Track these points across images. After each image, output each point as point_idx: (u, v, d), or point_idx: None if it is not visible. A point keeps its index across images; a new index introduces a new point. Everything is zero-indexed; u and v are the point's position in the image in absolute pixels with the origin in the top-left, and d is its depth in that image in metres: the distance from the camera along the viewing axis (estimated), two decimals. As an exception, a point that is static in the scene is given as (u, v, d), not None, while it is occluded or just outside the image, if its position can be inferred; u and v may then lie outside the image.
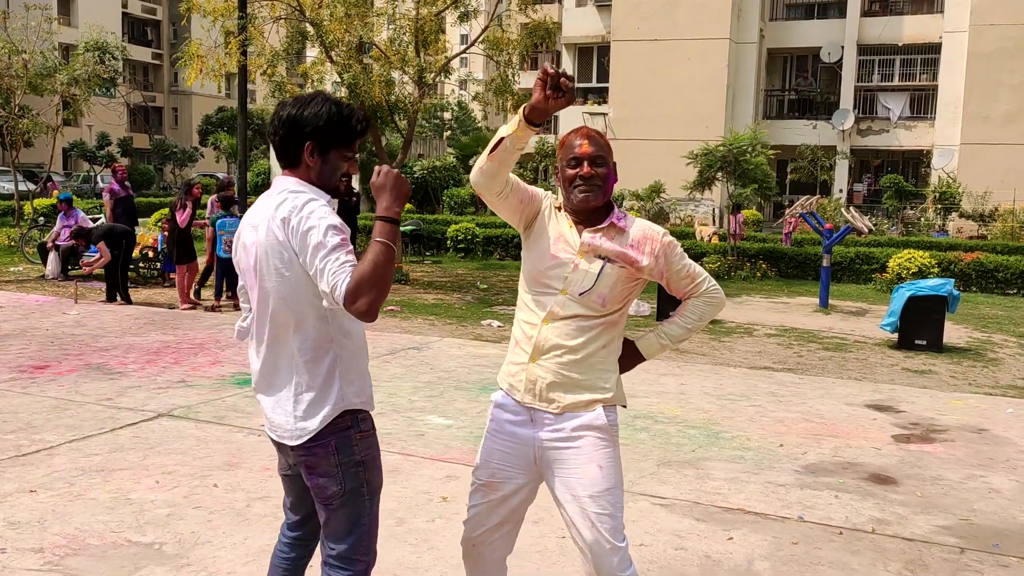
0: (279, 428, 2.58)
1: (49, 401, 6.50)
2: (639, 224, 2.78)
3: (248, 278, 2.60)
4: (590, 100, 32.52)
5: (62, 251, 13.56)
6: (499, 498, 2.78)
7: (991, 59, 26.92)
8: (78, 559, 3.86)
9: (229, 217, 11.51)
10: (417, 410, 6.55)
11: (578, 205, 2.70)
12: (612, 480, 2.67)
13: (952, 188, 25.86)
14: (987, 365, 9.20)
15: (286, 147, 2.54)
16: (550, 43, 18.51)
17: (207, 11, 14.17)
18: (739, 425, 6.44)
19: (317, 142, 2.51)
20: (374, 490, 2.63)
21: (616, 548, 2.64)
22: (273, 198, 2.52)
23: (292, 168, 2.56)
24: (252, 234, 2.55)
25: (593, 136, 2.73)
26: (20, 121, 18.83)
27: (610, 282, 2.69)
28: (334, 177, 2.57)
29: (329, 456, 2.53)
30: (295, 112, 2.51)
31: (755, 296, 14.40)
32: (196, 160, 51.43)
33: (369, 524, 2.63)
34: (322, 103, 2.52)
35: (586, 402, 2.69)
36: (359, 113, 2.59)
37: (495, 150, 2.56)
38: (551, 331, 2.70)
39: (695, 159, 16.40)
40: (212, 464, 5.19)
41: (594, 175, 2.68)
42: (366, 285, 2.24)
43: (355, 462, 2.56)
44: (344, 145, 2.55)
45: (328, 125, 2.50)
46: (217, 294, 11.38)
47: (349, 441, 2.55)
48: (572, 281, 2.69)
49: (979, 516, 4.77)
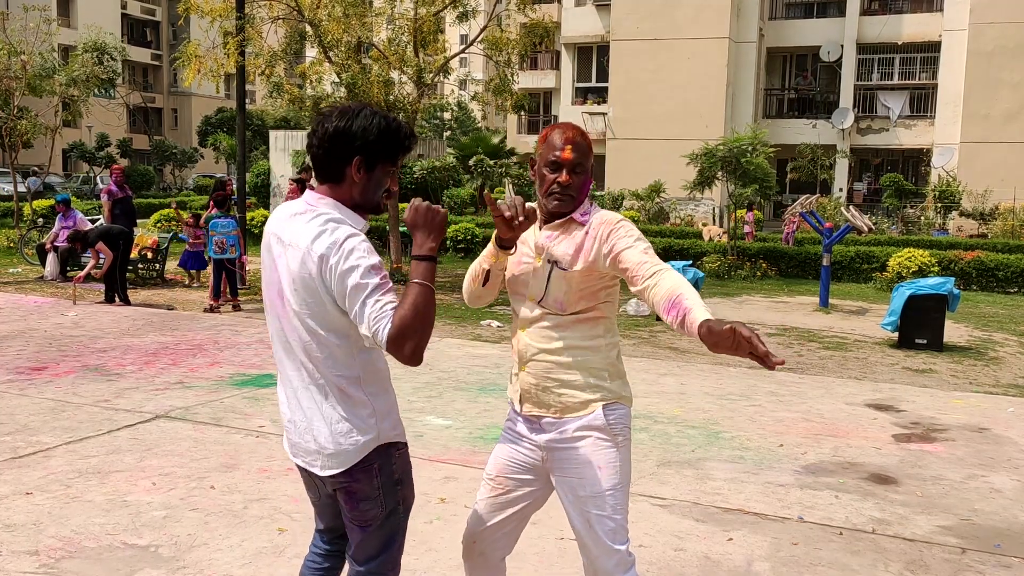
0: (309, 457, 2.49)
1: (46, 403, 6.48)
2: (600, 215, 2.66)
3: (272, 298, 2.49)
4: (590, 100, 32.52)
5: (60, 252, 13.54)
6: (504, 494, 2.78)
7: (991, 57, 26.91)
8: (73, 562, 3.84)
9: (223, 218, 11.46)
10: (416, 411, 6.53)
11: (551, 210, 2.67)
12: (612, 481, 2.63)
13: (952, 187, 25.85)
14: (988, 364, 9.18)
15: (330, 161, 2.40)
16: (549, 43, 18.50)
17: (205, 12, 14.15)
18: (739, 425, 6.42)
19: (365, 157, 2.38)
20: (409, 507, 2.59)
21: (614, 550, 2.62)
22: (310, 223, 2.37)
23: (333, 184, 2.42)
24: (282, 255, 2.42)
25: (576, 141, 2.63)
26: (19, 122, 18.80)
27: (562, 285, 2.62)
28: (378, 193, 2.47)
29: (372, 479, 2.46)
30: (343, 125, 2.38)
31: (755, 295, 14.38)
32: (196, 161, 51.44)
33: (399, 541, 2.59)
34: (371, 116, 2.40)
35: (582, 402, 2.66)
36: (407, 127, 2.48)
37: (487, 281, 2.71)
38: (529, 337, 2.69)
39: (695, 159, 16.38)
40: (209, 466, 5.16)
41: (571, 184, 2.62)
42: (409, 330, 2.19)
43: (395, 481, 2.51)
44: (390, 160, 2.45)
45: (378, 139, 2.39)
46: (215, 295, 11.35)
47: (390, 460, 2.49)
48: (532, 287, 2.68)
49: (980, 516, 4.74)
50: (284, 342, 2.48)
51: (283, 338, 2.48)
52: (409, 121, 15.06)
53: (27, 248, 15.97)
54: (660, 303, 2.41)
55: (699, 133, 23.69)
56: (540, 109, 41.90)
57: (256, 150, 41.22)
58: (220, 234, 11.23)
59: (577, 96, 33.32)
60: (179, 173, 50.03)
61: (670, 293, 2.39)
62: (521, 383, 2.72)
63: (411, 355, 2.20)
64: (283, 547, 4.04)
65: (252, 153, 40.04)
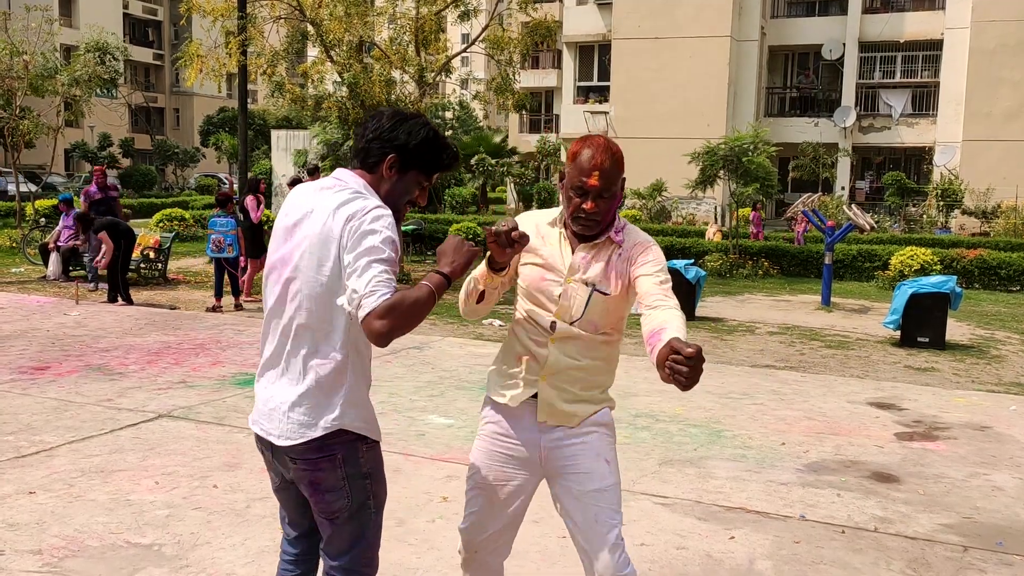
0: (270, 425, 2.48)
1: (49, 402, 6.49)
2: (632, 234, 2.68)
3: (277, 264, 2.50)
4: (591, 99, 32.49)
5: (63, 252, 13.56)
6: (501, 501, 2.76)
7: (993, 55, 26.86)
8: (77, 560, 3.84)
9: (222, 217, 11.43)
10: (418, 410, 6.53)
11: (576, 232, 2.67)
12: (616, 477, 2.70)
13: (954, 185, 25.82)
14: (990, 362, 9.17)
15: (370, 152, 2.48)
16: (551, 42, 18.49)
17: (207, 11, 14.17)
18: (741, 424, 6.42)
19: (400, 157, 2.46)
20: (380, 504, 2.58)
21: (616, 545, 2.64)
22: (337, 193, 2.42)
23: (367, 172, 2.49)
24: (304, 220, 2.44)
25: (606, 168, 2.54)
26: (21, 122, 18.83)
27: (599, 309, 2.63)
28: (403, 198, 2.51)
29: (336, 469, 2.45)
30: (388, 124, 2.48)
31: (757, 294, 14.37)
32: (197, 161, 51.46)
33: (372, 537, 2.58)
34: (421, 126, 2.49)
35: (593, 411, 2.73)
36: (453, 148, 2.55)
37: (481, 299, 2.72)
38: (557, 350, 2.67)
39: (696, 157, 16.37)
40: (212, 465, 5.17)
41: (596, 211, 2.58)
42: (398, 312, 2.22)
43: (363, 475, 2.50)
44: (424, 172, 2.51)
45: (419, 146, 2.46)
46: (217, 294, 11.33)
47: (356, 453, 2.48)
48: (563, 308, 2.65)
49: (982, 514, 4.75)
50: (279, 313, 2.48)
51: (279, 309, 2.48)
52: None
53: (30, 248, 15.99)
54: (645, 332, 2.40)
55: (701, 132, 23.65)
56: (542, 108, 41.91)
57: (258, 150, 41.25)
58: (218, 232, 11.21)
59: (579, 95, 33.30)
60: (181, 173, 50.05)
61: (659, 324, 2.36)
62: (541, 393, 2.69)
63: (385, 333, 2.21)
64: (286, 546, 4.04)
65: (254, 153, 40.07)
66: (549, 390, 2.68)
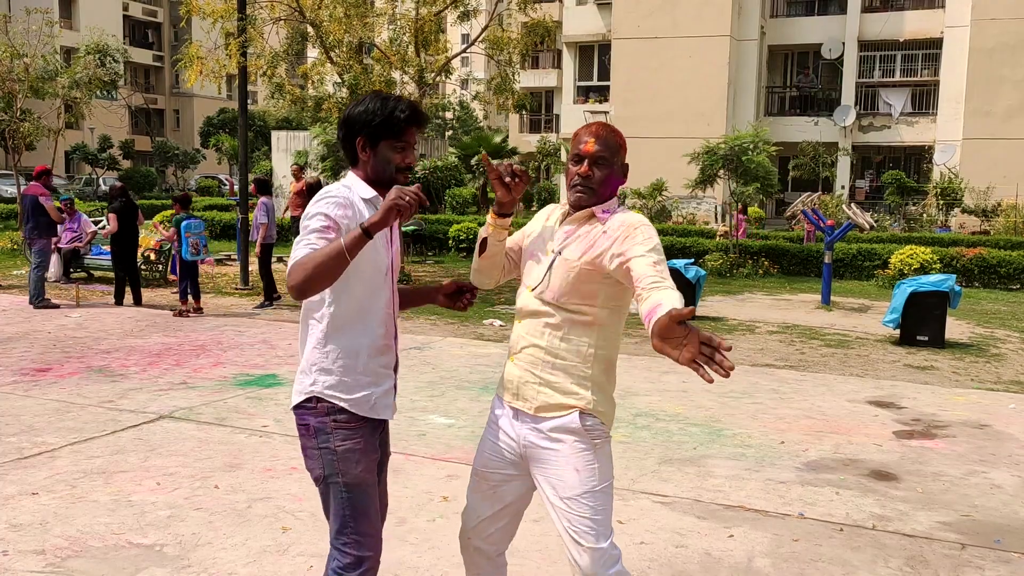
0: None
1: (51, 404, 6.51)
2: (623, 216, 2.59)
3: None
4: (591, 98, 32.52)
5: (64, 254, 13.57)
6: (490, 488, 2.77)
7: (993, 54, 26.86)
8: (79, 561, 3.87)
9: (191, 218, 10.91)
10: (419, 410, 6.55)
11: (571, 203, 2.68)
12: (591, 484, 2.59)
13: (954, 184, 25.82)
14: (989, 361, 9.19)
15: (346, 147, 2.69)
16: (550, 42, 18.51)
17: (207, 13, 14.19)
18: (740, 422, 6.44)
19: (367, 136, 2.62)
20: (352, 486, 2.60)
21: (591, 549, 2.58)
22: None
23: (355, 166, 2.70)
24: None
25: (602, 135, 2.62)
26: (22, 125, 18.86)
27: (560, 274, 2.58)
28: (387, 169, 2.64)
29: (309, 438, 2.63)
30: (348, 113, 2.67)
31: (757, 293, 14.39)
32: (198, 162, 51.52)
33: (353, 519, 2.60)
34: (370, 100, 2.65)
35: (557, 405, 2.62)
36: (403, 103, 2.65)
37: (484, 252, 2.74)
38: (522, 328, 2.69)
39: (697, 157, 16.39)
40: (213, 465, 5.19)
41: (591, 176, 2.59)
42: (300, 266, 2.41)
43: (330, 450, 2.59)
44: (392, 136, 2.62)
45: (374, 118, 2.61)
46: (182, 297, 10.82)
47: (324, 428, 2.59)
48: (532, 275, 2.67)
49: (980, 512, 4.76)
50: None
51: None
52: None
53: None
54: (643, 310, 2.31)
55: (701, 131, 23.67)
56: (542, 108, 41.91)
57: (258, 151, 41.29)
58: (195, 235, 10.74)
59: (579, 95, 33.32)
60: (181, 174, 50.09)
61: (656, 302, 2.27)
62: (507, 372, 2.73)
63: (292, 287, 2.43)
64: (287, 546, 4.06)
65: (254, 154, 40.11)
66: (514, 369, 2.69)
